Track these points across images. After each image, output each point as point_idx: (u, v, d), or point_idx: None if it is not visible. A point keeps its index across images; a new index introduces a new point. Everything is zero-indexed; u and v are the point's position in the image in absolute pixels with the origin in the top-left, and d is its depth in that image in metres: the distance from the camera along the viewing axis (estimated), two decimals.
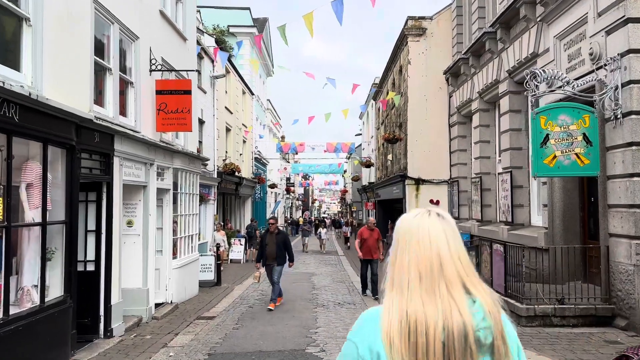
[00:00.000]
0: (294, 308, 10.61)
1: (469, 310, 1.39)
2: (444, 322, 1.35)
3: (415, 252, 1.45)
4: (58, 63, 6.39)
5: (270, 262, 10.77)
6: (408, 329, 1.36)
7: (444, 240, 1.45)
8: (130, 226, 9.25)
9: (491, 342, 1.39)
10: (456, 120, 18.51)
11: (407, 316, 1.37)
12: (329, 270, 18.42)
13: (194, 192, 12.46)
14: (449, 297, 1.39)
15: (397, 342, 1.35)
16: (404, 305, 1.39)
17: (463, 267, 1.45)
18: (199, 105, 19.41)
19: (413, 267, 1.44)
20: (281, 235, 11.04)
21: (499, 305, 1.47)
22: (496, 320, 1.41)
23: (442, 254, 1.44)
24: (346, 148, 33.53)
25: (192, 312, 10.38)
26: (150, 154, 9.44)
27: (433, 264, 1.42)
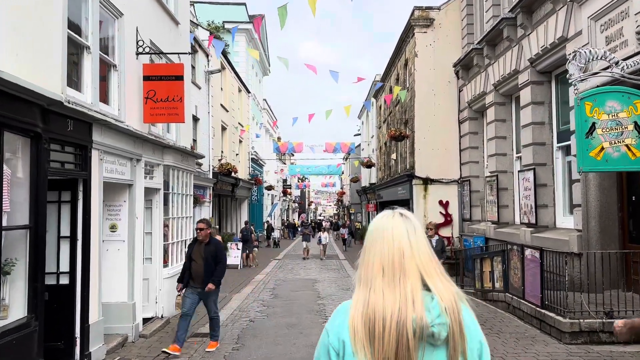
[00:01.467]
0: (300, 323, 9.43)
1: (425, 305, 1.47)
2: (399, 314, 1.44)
3: (380, 249, 1.56)
4: (21, 32, 5.20)
5: (196, 284, 7.48)
6: (368, 319, 1.46)
7: (405, 237, 1.56)
8: (114, 231, 8.05)
9: (445, 337, 1.46)
10: (467, 116, 17.43)
11: (368, 307, 1.48)
12: (332, 277, 17.25)
13: (188, 192, 11.26)
14: (407, 291, 1.48)
15: (359, 331, 1.46)
16: (367, 298, 1.51)
17: (423, 263, 1.54)
18: (193, 102, 18.23)
19: (377, 263, 1.55)
20: (212, 246, 7.59)
21: (459, 302, 1.52)
22: (454, 317, 1.47)
23: (404, 249, 1.54)
24: (346, 148, 32.41)
25: None
26: (137, 148, 8.25)
27: (395, 259, 1.53)
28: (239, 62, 30.31)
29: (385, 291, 1.49)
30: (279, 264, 21.75)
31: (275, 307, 11.07)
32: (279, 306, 11.23)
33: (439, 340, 1.46)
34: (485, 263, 11.44)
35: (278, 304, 11.56)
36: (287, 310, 10.61)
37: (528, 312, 8.94)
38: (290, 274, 18.03)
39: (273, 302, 11.86)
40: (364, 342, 1.45)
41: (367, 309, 1.48)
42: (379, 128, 29.28)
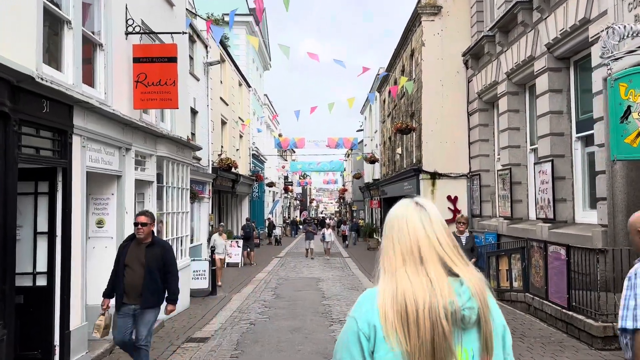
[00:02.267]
0: (304, 325, 8.73)
1: (454, 290, 1.48)
2: (430, 300, 1.44)
3: (397, 238, 1.57)
4: None
5: (131, 301, 5.51)
6: (399, 305, 1.46)
7: (420, 227, 1.55)
8: (101, 226, 7.36)
9: (476, 320, 1.48)
10: (476, 107, 16.69)
11: (398, 294, 1.48)
12: (337, 275, 16.55)
13: (184, 186, 10.57)
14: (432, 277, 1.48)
15: (390, 316, 1.46)
16: (394, 285, 1.50)
17: (444, 251, 1.54)
18: (192, 94, 17.53)
19: (398, 253, 1.55)
20: (157, 248, 5.61)
21: (485, 286, 1.55)
22: (482, 301, 1.50)
23: (420, 239, 1.54)
24: (348, 143, 31.73)
25: (181, 331, 8.49)
26: (126, 136, 7.55)
27: (413, 248, 1.54)
28: (240, 55, 29.63)
29: (412, 279, 1.50)
30: (281, 262, 21.07)
31: (278, 309, 10.38)
32: (282, 307, 10.54)
33: (469, 324, 1.48)
34: (502, 261, 10.73)
35: (280, 304, 10.87)
36: (290, 312, 9.92)
37: (552, 314, 8.23)
38: (292, 273, 17.34)
39: (275, 302, 11.18)
40: (397, 327, 1.45)
41: (397, 296, 1.48)
42: (382, 122, 28.55)
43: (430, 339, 1.42)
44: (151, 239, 5.64)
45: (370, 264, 20.57)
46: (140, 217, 5.61)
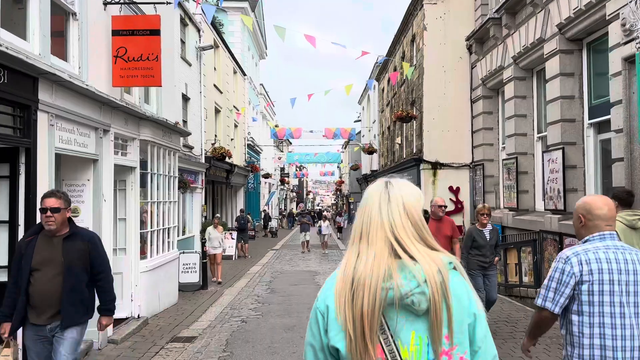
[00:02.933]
0: (300, 324, 8.08)
1: (402, 273, 1.42)
2: (371, 281, 1.40)
3: (361, 216, 1.56)
4: None
5: (43, 319, 3.94)
6: (348, 284, 1.44)
7: (376, 206, 1.52)
8: (76, 215, 6.66)
9: (427, 308, 1.40)
10: (480, 94, 16.00)
11: (346, 272, 1.47)
12: (334, 268, 15.59)
13: (172, 174, 9.88)
14: (373, 259, 1.44)
15: (339, 296, 1.44)
16: (348, 263, 1.50)
17: (396, 231, 1.48)
18: (183, 79, 16.81)
19: (357, 230, 1.54)
20: (80, 243, 4.07)
21: (446, 271, 1.45)
22: (436, 288, 1.40)
23: (372, 217, 1.51)
24: (346, 134, 31.04)
25: (167, 330, 7.84)
26: (104, 116, 6.85)
27: (363, 227, 1.52)
28: (235, 42, 28.84)
29: (363, 258, 1.47)
30: (277, 255, 20.44)
31: (272, 304, 9.75)
32: (276, 303, 9.90)
33: (420, 311, 1.41)
34: (510, 254, 10.11)
35: (275, 300, 10.23)
36: (285, 309, 9.28)
37: None
38: (288, 265, 16.71)
39: (269, 297, 10.54)
40: (342, 307, 1.42)
41: (343, 275, 1.48)
42: (381, 112, 27.85)
43: (367, 321, 1.38)
44: (69, 229, 4.03)
45: None
46: (48, 199, 3.90)
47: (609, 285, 2.54)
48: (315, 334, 1.48)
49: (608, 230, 2.68)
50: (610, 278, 2.55)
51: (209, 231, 13.28)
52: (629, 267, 2.57)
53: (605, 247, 2.62)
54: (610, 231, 2.69)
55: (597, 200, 2.79)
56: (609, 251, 2.61)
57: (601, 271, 2.56)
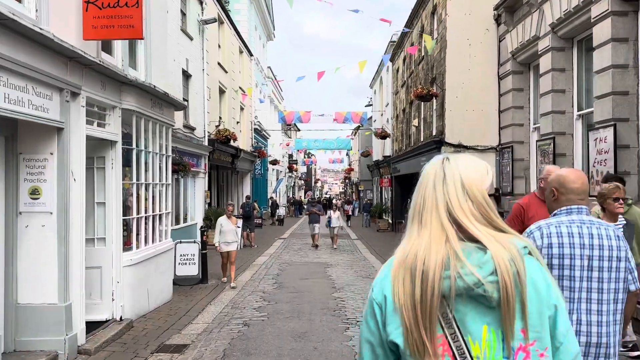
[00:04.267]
0: (313, 329, 6.78)
1: (471, 260, 1.24)
2: (435, 270, 1.23)
3: (416, 197, 1.40)
4: None
5: None
6: (407, 273, 1.27)
7: (431, 185, 1.37)
8: (36, 197, 5.39)
9: (499, 299, 1.23)
10: (509, 70, 14.51)
11: (404, 260, 1.30)
12: (347, 260, 14.64)
13: (165, 152, 8.58)
14: (441, 243, 1.27)
15: (397, 286, 1.28)
16: (407, 248, 1.33)
17: (454, 212, 1.31)
18: (184, 54, 15.48)
19: (412, 212, 1.39)
20: None
21: (520, 257, 1.26)
22: (508, 277, 1.22)
23: (426, 198, 1.36)
24: (357, 118, 29.59)
25: (154, 335, 6.58)
26: (73, 75, 5.53)
27: (419, 208, 1.36)
28: (241, 21, 27.36)
29: (419, 241, 1.30)
30: (284, 244, 19.18)
31: (279, 303, 8.46)
32: (284, 301, 8.62)
33: (492, 302, 1.23)
34: None
35: (283, 297, 8.95)
36: (294, 309, 7.99)
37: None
38: (297, 256, 15.44)
39: (276, 294, 9.27)
40: (403, 299, 1.25)
41: (403, 260, 1.30)
42: (395, 94, 26.35)
43: (421, 314, 1.22)
44: None
45: (382, 247, 18.74)
46: None
47: (569, 259, 2.50)
48: (373, 328, 1.31)
49: (578, 205, 2.60)
50: (571, 252, 2.50)
51: (220, 222, 10.50)
52: (594, 241, 2.51)
53: (569, 221, 2.56)
54: (580, 205, 2.60)
55: (570, 173, 2.72)
56: (573, 225, 2.54)
57: (561, 245, 2.51)
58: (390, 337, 1.26)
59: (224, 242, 10.29)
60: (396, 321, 1.25)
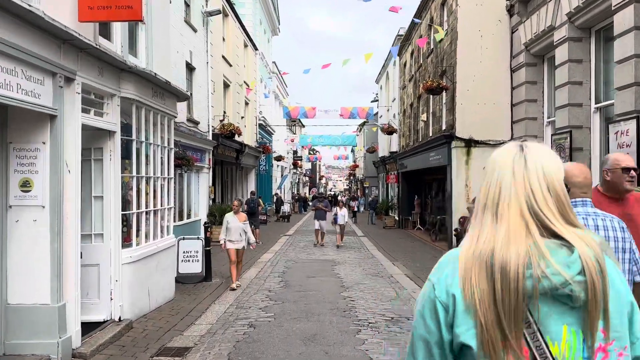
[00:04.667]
0: (323, 332, 6.40)
1: (552, 258, 1.15)
2: (517, 267, 1.14)
3: (487, 186, 1.28)
4: None
5: None
6: (482, 271, 1.17)
7: (508, 173, 1.25)
8: (27, 190, 5.02)
9: (585, 299, 1.16)
10: (523, 62, 14.06)
11: (478, 256, 1.18)
12: (354, 257, 14.26)
13: (167, 145, 8.20)
14: (521, 238, 1.17)
15: (471, 284, 1.17)
16: (480, 243, 1.21)
17: (536, 205, 1.20)
18: (187, 46, 15.10)
19: (483, 203, 1.26)
20: None
21: (602, 253, 1.20)
22: (594, 275, 1.16)
23: (504, 186, 1.23)
24: (363, 113, 29.18)
25: (155, 337, 6.21)
26: (67, 59, 5.15)
27: (497, 198, 1.23)
28: (245, 14, 26.96)
29: (494, 236, 1.19)
30: (290, 241, 18.81)
31: (286, 302, 8.09)
32: (291, 300, 8.25)
33: (578, 302, 1.16)
34: None
35: (289, 296, 8.58)
36: (302, 309, 7.61)
37: None
38: (303, 253, 15.07)
39: (283, 293, 8.89)
40: (482, 298, 1.15)
41: (477, 255, 1.19)
42: (402, 89, 25.89)
43: (504, 315, 1.13)
44: None
45: (389, 244, 18.33)
46: None
47: None
48: (432, 329, 1.21)
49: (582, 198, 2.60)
50: None
51: (227, 219, 9.69)
52: (599, 233, 2.48)
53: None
54: (584, 198, 2.60)
55: (573, 168, 2.70)
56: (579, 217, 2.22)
57: None
58: (460, 339, 1.18)
59: (229, 240, 9.53)
60: (468, 322, 1.17)
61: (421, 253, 14.85)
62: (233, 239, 9.52)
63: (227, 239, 9.54)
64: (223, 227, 9.70)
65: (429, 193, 24.38)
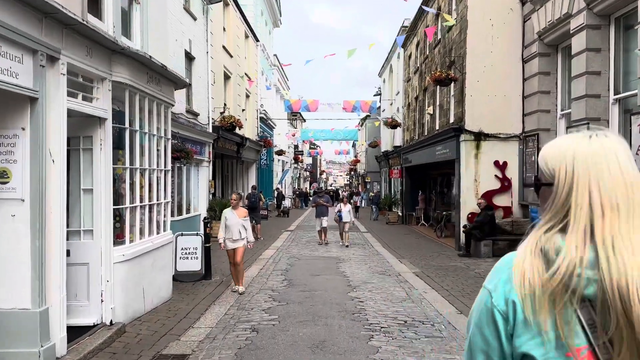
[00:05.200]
0: (331, 336, 5.89)
1: (620, 263, 1.03)
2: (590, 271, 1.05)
3: (560, 179, 1.12)
4: None
5: None
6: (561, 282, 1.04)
7: (581, 166, 1.10)
8: (5, 181, 4.50)
9: None
10: (535, 52, 13.51)
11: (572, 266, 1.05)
12: (359, 254, 13.75)
13: (164, 135, 7.68)
14: (600, 243, 1.05)
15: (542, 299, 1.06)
16: (545, 246, 1.09)
17: (627, 205, 1.08)
18: (186, 34, 14.54)
19: (560, 200, 1.11)
20: None
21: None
22: None
23: (578, 181, 1.10)
24: (366, 107, 28.67)
25: (149, 342, 5.70)
26: (50, 36, 4.62)
27: (579, 194, 1.09)
28: (247, 4, 26.34)
29: (572, 240, 1.07)
30: (292, 237, 18.31)
31: (291, 303, 7.58)
32: (296, 301, 7.74)
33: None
34: None
35: (294, 297, 8.07)
36: (308, 311, 7.11)
37: None
38: (306, 250, 14.57)
39: (287, 293, 8.39)
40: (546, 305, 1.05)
41: (570, 268, 1.05)
42: (407, 82, 25.31)
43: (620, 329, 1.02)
44: None
45: (394, 241, 17.80)
46: None
47: None
48: (490, 340, 1.12)
49: None
50: None
51: (225, 216, 8.69)
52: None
53: None
54: None
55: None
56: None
57: None
58: (522, 349, 1.07)
59: (229, 238, 8.53)
60: (531, 330, 1.06)
61: (427, 250, 14.34)
62: (234, 237, 8.53)
63: (226, 237, 8.54)
64: (221, 224, 8.68)
65: (434, 188, 23.86)
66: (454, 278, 9.81)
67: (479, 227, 13.10)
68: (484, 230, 13.03)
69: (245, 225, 8.67)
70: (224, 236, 8.53)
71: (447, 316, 6.85)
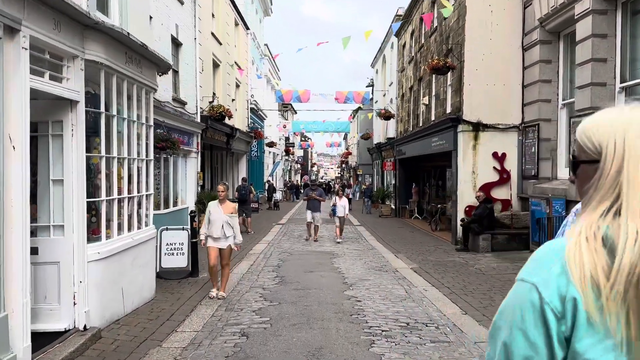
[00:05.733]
0: (329, 341, 5.38)
1: None
2: None
3: (607, 162, 1.01)
4: None
5: None
6: (607, 266, 0.94)
7: (633, 146, 1.01)
8: None
9: None
10: (536, 39, 13.03)
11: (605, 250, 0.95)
12: (353, 249, 13.26)
13: (145, 121, 7.08)
14: None
15: (619, 282, 0.92)
16: (598, 234, 0.96)
17: None
18: (173, 18, 13.87)
19: (609, 184, 1.01)
20: None
21: None
22: None
23: (629, 164, 1.00)
24: (359, 98, 28.09)
25: (127, 349, 5.15)
26: (7, 3, 4.02)
27: (632, 178, 0.99)
28: None
29: (630, 227, 0.95)
30: (283, 230, 17.79)
31: (283, 304, 7.06)
32: (289, 301, 7.21)
33: None
34: None
35: (286, 296, 7.54)
36: (302, 312, 6.59)
37: None
38: (298, 244, 14.06)
39: (279, 292, 7.86)
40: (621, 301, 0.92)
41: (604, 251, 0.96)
42: (401, 72, 24.77)
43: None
44: None
45: (388, 234, 17.32)
46: None
47: None
48: (538, 343, 0.95)
49: None
50: None
51: (209, 209, 7.69)
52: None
53: None
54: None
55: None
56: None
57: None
58: (587, 355, 0.93)
59: (210, 235, 7.45)
60: (598, 333, 0.93)
61: (423, 244, 13.89)
62: (216, 235, 7.40)
63: (208, 234, 7.51)
64: (205, 218, 7.64)
65: (428, 181, 23.44)
66: (454, 274, 9.35)
67: (478, 220, 12.66)
68: (482, 224, 12.58)
69: (232, 223, 7.52)
70: (205, 232, 7.56)
71: (452, 317, 6.37)
